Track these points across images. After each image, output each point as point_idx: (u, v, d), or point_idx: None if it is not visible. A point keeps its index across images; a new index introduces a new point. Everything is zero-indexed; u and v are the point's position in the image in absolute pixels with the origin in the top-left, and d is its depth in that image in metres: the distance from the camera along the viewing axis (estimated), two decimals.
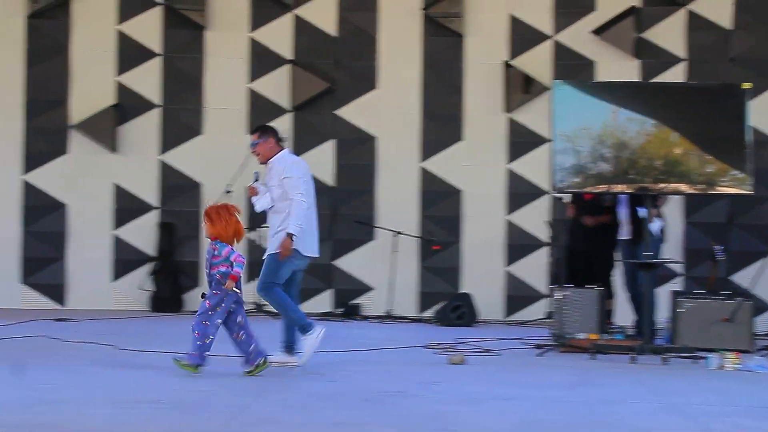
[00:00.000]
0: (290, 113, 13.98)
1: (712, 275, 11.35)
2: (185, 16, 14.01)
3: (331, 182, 13.94)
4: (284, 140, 9.27)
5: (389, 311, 13.31)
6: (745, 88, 10.30)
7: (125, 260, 13.94)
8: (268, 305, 9.71)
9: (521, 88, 13.84)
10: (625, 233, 11.10)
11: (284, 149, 9.19)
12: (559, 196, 12.32)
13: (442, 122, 13.93)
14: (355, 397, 7.54)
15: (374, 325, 12.95)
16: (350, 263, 13.95)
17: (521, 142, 13.81)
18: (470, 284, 13.60)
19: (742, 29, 13.64)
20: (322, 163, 13.79)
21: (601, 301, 10.73)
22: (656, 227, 10.75)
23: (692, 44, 13.68)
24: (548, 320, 11.87)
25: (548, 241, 13.06)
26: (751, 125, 10.37)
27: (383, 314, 13.33)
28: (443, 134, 13.93)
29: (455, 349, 10.08)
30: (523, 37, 13.88)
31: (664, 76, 13.55)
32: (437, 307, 13.23)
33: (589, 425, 6.77)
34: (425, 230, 13.78)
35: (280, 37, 14.06)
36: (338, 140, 14.01)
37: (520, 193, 13.81)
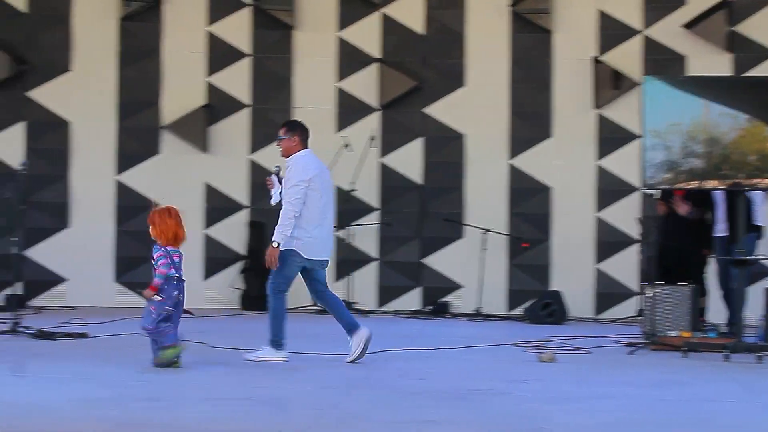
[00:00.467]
0: (378, 112, 14.02)
1: None
2: (274, 16, 14.11)
3: (419, 180, 13.95)
4: (307, 136, 9.22)
5: (478, 309, 13.27)
6: None
7: (216, 259, 14.09)
8: (322, 308, 9.75)
9: (610, 83, 13.69)
10: (720, 230, 10.95)
11: (305, 149, 9.19)
12: (649, 192, 12.18)
13: (530, 119, 13.86)
14: (444, 394, 7.53)
15: (463, 322, 12.94)
16: (439, 261, 13.94)
17: (611, 138, 13.68)
18: (560, 282, 13.52)
19: None
20: (410, 161, 13.82)
21: (693, 298, 10.58)
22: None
23: None
24: (639, 318, 11.76)
25: (639, 238, 12.93)
26: None
27: (472, 312, 13.30)
28: (532, 131, 13.85)
29: (545, 347, 10.02)
30: (612, 32, 13.74)
31: (757, 69, 13.31)
32: (527, 304, 13.19)
33: (683, 424, 6.69)
34: (514, 228, 13.73)
35: (368, 36, 14.09)
36: (426, 138, 14.01)
37: (609, 189, 13.68)
